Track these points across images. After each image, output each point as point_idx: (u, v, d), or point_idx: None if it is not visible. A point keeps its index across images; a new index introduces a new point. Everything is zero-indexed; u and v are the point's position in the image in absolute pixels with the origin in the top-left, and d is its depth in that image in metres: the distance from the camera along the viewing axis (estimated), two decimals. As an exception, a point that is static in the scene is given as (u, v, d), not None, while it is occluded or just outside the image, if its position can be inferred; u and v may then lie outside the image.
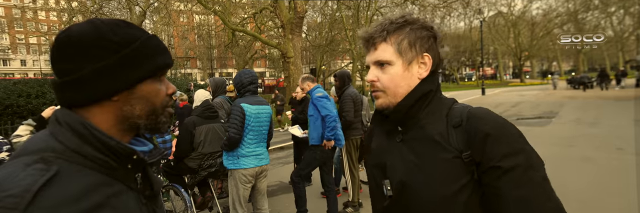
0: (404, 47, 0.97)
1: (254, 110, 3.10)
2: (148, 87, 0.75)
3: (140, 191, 0.78)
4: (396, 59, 0.98)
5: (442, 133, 0.93)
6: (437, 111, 0.97)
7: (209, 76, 38.97)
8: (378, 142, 1.09)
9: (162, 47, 0.79)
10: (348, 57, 35.84)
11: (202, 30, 31.17)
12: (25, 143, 0.71)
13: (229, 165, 3.16)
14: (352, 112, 4.09)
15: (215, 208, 4.06)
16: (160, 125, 0.79)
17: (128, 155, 0.73)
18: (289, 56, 11.72)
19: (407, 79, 0.98)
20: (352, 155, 4.29)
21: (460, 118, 0.92)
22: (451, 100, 1.02)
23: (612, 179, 4.85)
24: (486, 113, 0.92)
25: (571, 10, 38.46)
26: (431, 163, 0.91)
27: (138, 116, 0.75)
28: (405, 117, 0.98)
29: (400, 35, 0.98)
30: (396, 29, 0.98)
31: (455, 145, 0.90)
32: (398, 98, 0.99)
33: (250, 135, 3.12)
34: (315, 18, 30.77)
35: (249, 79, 3.18)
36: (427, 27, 0.99)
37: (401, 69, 0.98)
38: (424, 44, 0.98)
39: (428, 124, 0.96)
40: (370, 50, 1.01)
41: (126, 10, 18.88)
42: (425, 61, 0.99)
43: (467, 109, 0.94)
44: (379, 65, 1.00)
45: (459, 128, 0.91)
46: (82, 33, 0.70)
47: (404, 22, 0.99)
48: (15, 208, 0.57)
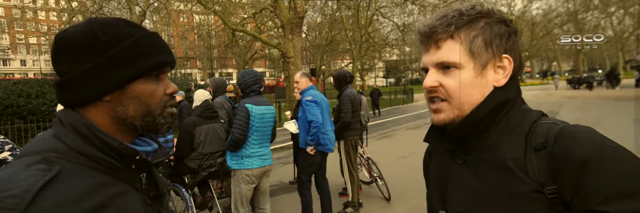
0: (477, 47, 0.76)
1: (259, 110, 3.10)
2: (141, 87, 0.73)
3: (145, 191, 0.77)
4: (467, 61, 0.76)
5: (517, 157, 0.70)
6: (516, 127, 0.74)
7: (209, 76, 38.98)
8: (439, 163, 0.88)
9: (160, 45, 0.76)
10: (348, 57, 35.84)
11: (202, 30, 31.18)
12: (28, 144, 0.71)
13: (232, 165, 3.17)
14: (350, 112, 4.09)
15: (215, 208, 4.06)
16: (159, 127, 0.77)
17: (131, 156, 0.72)
18: (289, 56, 11.73)
19: (480, 86, 0.76)
20: (350, 155, 4.29)
21: (545, 139, 0.69)
22: (537, 114, 0.77)
23: (612, 179, 4.85)
24: (584, 133, 0.67)
25: (571, 10, 38.48)
26: (500, 196, 0.70)
27: (132, 117, 0.73)
28: (470, 132, 0.77)
29: (472, 30, 0.76)
30: (468, 22, 0.77)
31: (534, 174, 0.67)
32: (466, 110, 0.76)
33: (254, 136, 3.12)
34: (315, 18, 30.78)
35: (252, 78, 3.17)
36: (505, 21, 0.78)
37: (473, 73, 0.76)
38: (504, 43, 0.77)
39: (500, 144, 0.74)
40: (430, 49, 0.79)
41: (126, 10, 18.88)
42: (504, 65, 0.77)
43: (558, 126, 0.70)
44: (442, 67, 0.78)
45: (541, 151, 0.68)
46: (75, 33, 0.70)
47: (477, 14, 0.77)
48: (15, 208, 0.57)
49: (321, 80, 32.59)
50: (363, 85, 32.58)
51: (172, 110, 0.79)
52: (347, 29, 23.59)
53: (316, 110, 3.59)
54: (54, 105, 8.92)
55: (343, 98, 4.11)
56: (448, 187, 0.81)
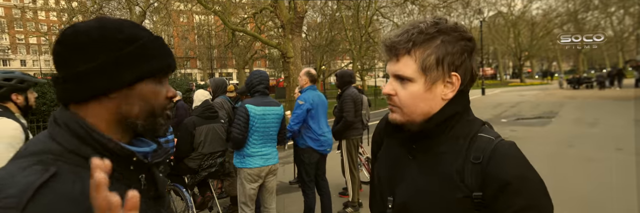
0: (429, 64, 0.85)
1: (259, 111, 3.10)
2: (147, 87, 0.74)
3: (144, 192, 0.77)
4: (418, 77, 0.86)
5: (458, 168, 0.85)
6: (461, 137, 0.88)
7: (209, 76, 38.99)
8: (389, 152, 1.01)
9: (166, 49, 0.78)
10: (348, 57, 35.84)
11: (202, 30, 31.16)
12: (24, 145, 0.71)
13: (236, 164, 3.22)
14: (352, 112, 4.09)
15: (215, 208, 4.07)
16: (159, 127, 0.78)
17: (127, 157, 0.72)
18: (289, 56, 11.73)
19: (428, 100, 0.87)
20: (352, 155, 4.29)
21: (482, 154, 0.84)
22: (479, 124, 0.91)
23: (612, 179, 4.85)
24: (512, 155, 0.84)
25: (571, 10, 38.45)
26: (438, 195, 0.86)
27: (136, 116, 0.74)
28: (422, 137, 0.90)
29: (427, 49, 0.85)
30: (425, 40, 0.85)
31: (469, 182, 0.84)
32: (414, 118, 0.89)
33: (255, 136, 3.13)
34: (315, 18, 30.77)
35: (258, 79, 3.19)
36: (464, 38, 0.86)
37: (422, 88, 0.86)
38: (455, 61, 0.85)
39: (445, 154, 0.88)
40: (392, 60, 0.89)
41: (126, 10, 18.87)
42: (453, 81, 0.87)
43: (492, 143, 0.85)
44: (398, 78, 0.89)
45: (477, 165, 0.83)
46: (90, 29, 0.71)
47: (436, 32, 0.85)
48: (14, 207, 0.57)
49: (321, 80, 32.59)
50: (363, 85, 32.56)
51: (170, 114, 0.81)
52: (347, 29, 23.57)
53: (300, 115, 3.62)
54: (54, 105, 8.91)
55: (345, 97, 4.11)
56: (399, 176, 0.95)
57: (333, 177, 4.76)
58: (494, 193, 0.81)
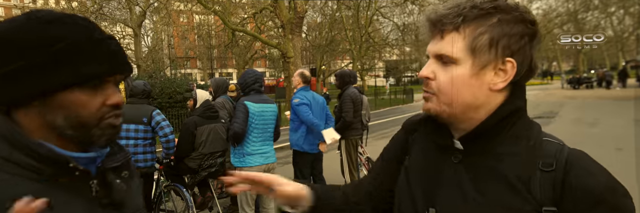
0: (480, 45, 0.70)
1: (257, 108, 3.15)
2: (73, 97, 0.65)
3: (95, 199, 0.71)
4: (465, 58, 0.71)
5: (523, 177, 0.70)
6: (523, 139, 0.73)
7: (209, 76, 39.00)
8: (427, 155, 0.83)
9: (104, 51, 0.68)
10: (348, 57, 35.85)
11: (202, 30, 31.15)
12: None
13: (235, 163, 3.23)
14: (351, 112, 4.10)
15: (215, 208, 4.07)
16: (95, 139, 0.70)
17: (61, 163, 0.66)
18: (289, 56, 11.73)
19: (473, 86, 0.71)
20: (351, 155, 4.30)
21: (555, 160, 0.70)
22: (539, 127, 0.77)
23: (612, 179, 4.85)
24: (595, 165, 0.71)
25: (571, 10, 38.43)
26: (497, 208, 0.70)
27: (62, 126, 0.67)
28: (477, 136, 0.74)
29: (481, 26, 0.70)
30: (478, 16, 0.70)
31: (536, 193, 0.68)
32: (453, 108, 0.73)
33: (255, 133, 3.16)
34: (315, 18, 30.77)
35: (252, 78, 3.24)
36: (526, 20, 0.71)
37: (468, 72, 0.71)
38: (512, 45, 0.70)
39: (506, 155, 0.72)
40: (435, 38, 0.74)
41: (126, 10, 18.89)
42: (506, 68, 0.71)
43: (565, 149, 0.72)
44: (440, 59, 0.74)
45: (549, 173, 0.69)
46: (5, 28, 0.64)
47: (491, 8, 0.70)
48: None
49: (321, 80, 32.61)
50: (363, 85, 32.58)
51: (114, 122, 0.71)
52: (347, 29, 23.58)
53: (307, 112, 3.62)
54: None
55: (344, 97, 4.12)
56: (438, 184, 0.78)
57: (333, 177, 4.76)
58: (581, 210, 0.66)
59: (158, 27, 23.18)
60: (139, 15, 19.46)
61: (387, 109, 19.19)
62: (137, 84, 3.48)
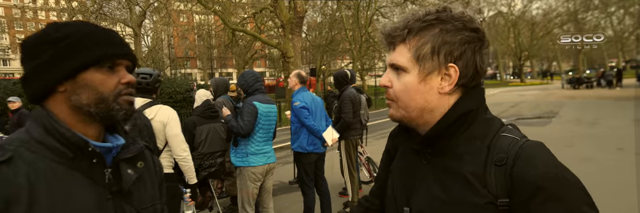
0: (423, 54, 0.78)
1: (265, 108, 3.15)
2: (91, 76, 0.79)
3: (106, 186, 0.80)
4: (412, 67, 0.80)
5: (478, 171, 0.75)
6: (479, 137, 0.79)
7: (209, 76, 38.99)
8: (404, 159, 0.93)
9: (109, 39, 0.83)
10: (348, 57, 35.84)
11: (202, 30, 31.16)
12: None
13: (237, 163, 3.20)
14: (351, 112, 4.10)
15: (215, 208, 4.07)
16: (114, 112, 0.81)
17: (81, 146, 0.77)
18: (289, 56, 11.73)
19: (422, 92, 0.80)
20: (351, 155, 4.30)
21: (506, 155, 0.74)
22: (498, 124, 0.82)
23: (612, 179, 4.86)
24: (540, 157, 0.73)
25: (571, 10, 38.43)
26: (458, 204, 0.76)
27: (87, 104, 0.79)
28: (435, 139, 0.81)
29: (423, 37, 0.79)
30: (422, 28, 0.79)
31: (491, 187, 0.74)
32: (410, 112, 0.82)
33: (260, 133, 3.15)
34: (315, 18, 30.77)
35: (252, 78, 3.23)
36: (467, 28, 0.78)
37: (416, 79, 0.80)
38: (454, 51, 0.77)
39: (463, 154, 0.78)
40: (390, 50, 0.84)
41: (126, 10, 18.88)
42: (450, 73, 0.78)
43: (517, 143, 0.76)
44: (394, 69, 0.83)
45: (501, 167, 0.74)
46: (32, 35, 0.80)
47: (434, 19, 0.78)
48: None
49: (321, 80, 32.57)
50: (363, 84, 32.57)
51: (129, 99, 0.84)
52: (347, 29, 23.58)
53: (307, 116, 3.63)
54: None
55: (343, 98, 4.12)
56: (414, 184, 0.86)
57: (333, 177, 4.76)
58: (524, 200, 0.70)
59: (158, 27, 23.16)
60: (139, 15, 19.45)
61: (387, 109, 19.17)
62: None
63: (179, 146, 2.62)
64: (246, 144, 3.17)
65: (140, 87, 2.61)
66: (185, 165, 2.67)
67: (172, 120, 2.59)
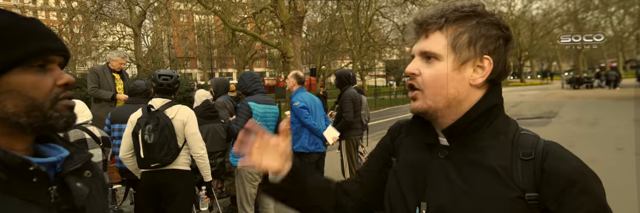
0: (461, 42, 0.78)
1: (261, 109, 3.15)
2: (18, 79, 0.62)
3: (53, 206, 0.66)
4: (447, 54, 0.78)
5: (505, 165, 0.76)
6: (502, 133, 0.80)
7: (209, 76, 38.99)
8: (414, 153, 0.89)
9: (37, 31, 0.66)
10: (348, 57, 35.85)
11: (202, 30, 31.15)
12: None
13: (234, 163, 3.22)
14: (351, 112, 4.10)
15: (215, 208, 4.07)
16: (52, 122, 0.66)
17: (19, 167, 0.61)
18: (289, 56, 11.73)
19: (454, 81, 0.78)
20: (351, 155, 4.30)
21: (532, 150, 0.76)
22: (516, 123, 0.84)
23: (612, 179, 4.85)
24: (568, 153, 0.77)
25: (571, 10, 38.43)
26: (484, 197, 0.75)
27: (14, 114, 0.62)
28: (460, 131, 0.80)
29: (461, 27, 0.78)
30: (459, 18, 0.79)
31: (519, 181, 0.74)
32: (437, 102, 0.79)
33: None
34: (315, 18, 30.77)
35: (250, 79, 3.26)
36: (500, 26, 0.79)
37: (451, 67, 0.78)
38: (489, 45, 0.78)
39: (489, 148, 0.78)
40: (420, 38, 0.82)
41: (126, 10, 18.89)
42: (484, 65, 0.78)
43: (541, 141, 0.78)
44: (425, 57, 0.81)
45: (529, 161, 0.75)
46: None
47: (471, 12, 0.79)
48: None
49: (321, 80, 32.58)
50: (363, 85, 32.57)
51: (69, 103, 0.69)
52: (347, 29, 23.59)
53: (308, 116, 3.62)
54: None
55: (344, 98, 4.12)
56: (427, 179, 0.82)
57: (333, 177, 4.76)
58: (557, 193, 0.72)
59: (158, 27, 23.15)
60: (139, 15, 19.46)
61: (387, 109, 19.19)
62: (139, 84, 3.47)
63: (197, 144, 2.71)
64: None
65: (161, 88, 2.74)
66: (203, 163, 2.78)
67: (191, 119, 2.72)
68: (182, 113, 2.70)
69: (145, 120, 2.58)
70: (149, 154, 2.56)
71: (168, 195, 2.70)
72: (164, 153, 2.58)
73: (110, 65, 4.76)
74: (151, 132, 2.54)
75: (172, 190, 2.70)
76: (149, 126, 2.55)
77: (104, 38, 22.43)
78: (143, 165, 2.64)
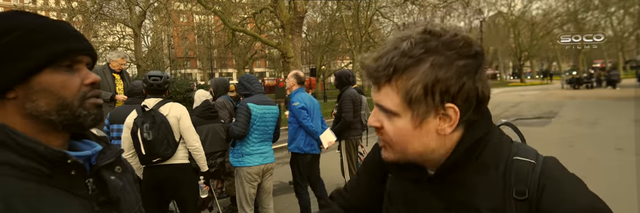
0: (415, 96, 0.66)
1: (260, 109, 3.15)
2: (48, 79, 0.66)
3: (92, 198, 0.70)
4: (403, 111, 0.68)
5: (497, 207, 0.68)
6: (492, 165, 0.71)
7: (209, 76, 38.98)
8: (401, 185, 0.84)
9: (65, 32, 0.69)
10: (348, 57, 35.84)
11: (202, 30, 31.15)
12: None
13: (234, 163, 3.23)
14: (351, 112, 4.10)
15: (215, 208, 4.06)
16: (81, 120, 0.70)
17: (60, 161, 0.65)
18: (289, 56, 11.72)
19: (419, 137, 0.70)
20: (351, 155, 4.30)
21: (526, 186, 0.67)
22: (508, 144, 0.74)
23: (612, 179, 4.85)
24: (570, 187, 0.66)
25: (571, 10, 38.39)
26: None
27: (46, 112, 0.66)
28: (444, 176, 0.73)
29: (412, 76, 0.66)
30: (408, 65, 0.66)
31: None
32: (408, 156, 0.73)
33: (255, 134, 3.17)
34: (315, 18, 30.76)
35: (247, 80, 3.30)
36: (463, 56, 0.66)
37: (410, 124, 0.69)
38: (451, 88, 0.65)
39: (477, 187, 0.70)
40: (374, 87, 0.73)
41: (126, 10, 18.89)
42: (449, 114, 0.67)
43: (536, 169, 0.68)
44: (383, 109, 0.72)
45: (523, 202, 0.66)
46: None
47: (423, 53, 0.66)
48: None
49: (321, 80, 32.56)
50: (363, 85, 32.57)
51: (96, 101, 0.72)
52: (347, 29, 23.58)
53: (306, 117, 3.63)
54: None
55: (344, 98, 4.12)
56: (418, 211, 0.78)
57: (332, 177, 4.76)
58: None
59: (158, 27, 23.15)
60: (139, 15, 19.45)
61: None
62: (137, 84, 3.47)
63: (191, 137, 2.90)
64: (242, 145, 3.20)
65: (152, 88, 2.89)
66: (198, 154, 2.95)
67: (184, 115, 2.90)
68: (175, 109, 2.87)
69: (142, 120, 2.73)
70: (150, 150, 2.72)
71: (172, 187, 2.88)
72: (164, 148, 2.75)
73: (111, 66, 4.76)
74: (149, 130, 2.70)
75: (176, 182, 2.88)
76: (146, 125, 2.72)
77: (104, 38, 22.41)
78: (145, 161, 2.78)
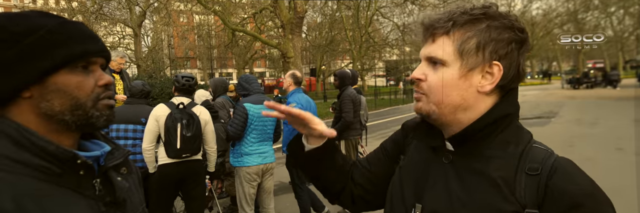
0: (467, 48, 0.73)
1: (257, 109, 3.14)
2: (64, 79, 0.67)
3: (98, 198, 0.71)
4: (453, 61, 0.74)
5: (508, 177, 0.72)
6: (512, 143, 0.76)
7: (209, 76, 38.99)
8: (418, 155, 0.87)
9: (82, 33, 0.71)
10: (348, 57, 35.85)
11: (202, 30, 31.15)
12: None
13: (233, 163, 3.24)
14: (351, 112, 4.10)
15: (215, 208, 4.06)
16: (94, 120, 0.71)
17: (70, 160, 0.66)
18: (289, 56, 11.72)
19: (461, 88, 0.75)
20: (351, 155, 4.30)
21: (540, 166, 0.71)
22: (529, 134, 0.80)
23: (612, 179, 4.85)
24: (578, 171, 0.72)
25: (571, 10, 38.38)
26: (481, 208, 0.72)
27: (60, 112, 0.68)
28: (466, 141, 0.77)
29: (469, 31, 0.74)
30: (467, 21, 0.74)
31: (520, 195, 0.70)
32: (442, 108, 0.76)
33: (253, 134, 3.16)
34: (315, 18, 30.77)
35: (245, 81, 3.31)
36: (513, 28, 0.74)
37: (457, 74, 0.74)
38: (499, 49, 0.73)
39: (494, 158, 0.75)
40: (427, 42, 0.78)
41: (126, 10, 18.89)
42: (493, 71, 0.74)
43: (552, 156, 0.74)
44: (431, 62, 0.78)
45: (534, 177, 0.71)
46: None
47: (481, 14, 0.74)
48: None
49: (321, 80, 32.58)
50: (362, 85, 32.57)
51: (109, 102, 0.74)
52: (347, 29, 23.60)
53: None
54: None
55: (344, 98, 4.12)
56: (428, 182, 0.81)
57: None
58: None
59: (158, 27, 23.14)
60: (139, 15, 19.46)
61: (387, 109, 19.18)
62: (136, 84, 3.47)
63: (213, 139, 3.18)
64: (240, 145, 3.20)
65: (183, 88, 3.10)
66: (213, 155, 3.24)
67: (210, 119, 3.16)
68: (205, 113, 3.12)
69: (180, 116, 2.94)
70: (185, 145, 2.92)
71: (194, 180, 3.10)
72: (196, 146, 2.99)
73: (110, 66, 4.76)
74: (187, 127, 2.93)
75: (198, 176, 3.13)
76: (184, 121, 2.93)
77: (104, 38, 22.39)
78: (176, 155, 2.95)
